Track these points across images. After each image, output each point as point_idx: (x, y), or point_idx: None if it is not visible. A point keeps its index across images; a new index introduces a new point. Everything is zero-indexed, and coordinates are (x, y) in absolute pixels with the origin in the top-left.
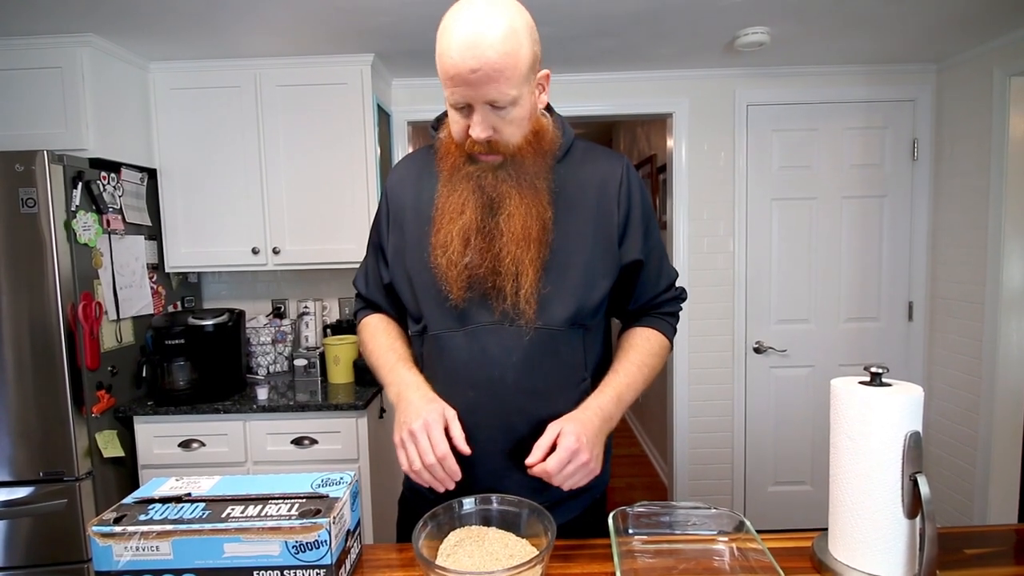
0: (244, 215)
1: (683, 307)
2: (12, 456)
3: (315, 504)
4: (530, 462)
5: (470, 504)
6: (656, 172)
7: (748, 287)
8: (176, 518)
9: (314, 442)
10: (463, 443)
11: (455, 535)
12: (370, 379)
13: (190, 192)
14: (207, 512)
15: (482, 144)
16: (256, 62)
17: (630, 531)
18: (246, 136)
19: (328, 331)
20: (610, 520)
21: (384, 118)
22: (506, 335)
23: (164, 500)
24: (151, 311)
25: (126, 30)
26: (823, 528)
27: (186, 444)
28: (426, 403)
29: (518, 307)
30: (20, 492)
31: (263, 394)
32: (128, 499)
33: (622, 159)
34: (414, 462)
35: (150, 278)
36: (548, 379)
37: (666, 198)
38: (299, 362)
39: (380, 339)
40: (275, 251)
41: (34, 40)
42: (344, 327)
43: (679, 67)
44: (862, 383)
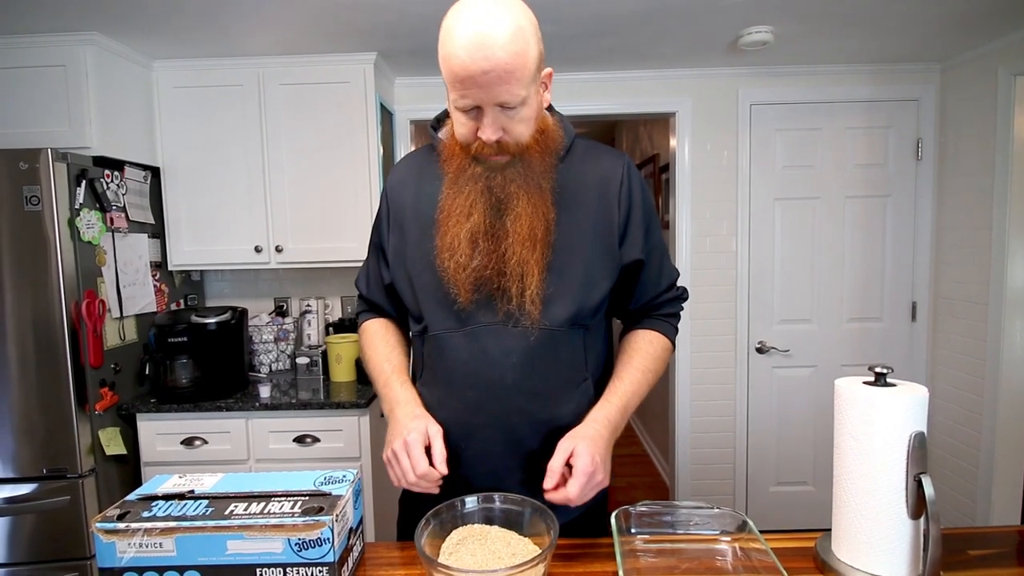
0: (247, 213)
1: (684, 307)
2: (16, 453)
3: (318, 502)
4: (547, 487)
5: (473, 503)
6: (659, 171)
7: (751, 287)
8: (179, 515)
9: (316, 440)
10: (441, 463)
11: (457, 533)
12: None
13: (193, 190)
14: (210, 509)
15: (492, 146)
16: (259, 61)
17: (632, 530)
18: (249, 135)
19: (330, 329)
20: (612, 519)
21: (387, 117)
22: (507, 336)
23: (167, 497)
24: (154, 309)
25: (130, 29)
26: (825, 529)
27: (189, 442)
28: (410, 420)
29: (523, 308)
30: (24, 489)
31: (266, 392)
32: (131, 496)
33: (623, 157)
34: (399, 481)
35: (153, 276)
36: (548, 379)
37: (669, 198)
38: (301, 360)
39: (377, 348)
40: (278, 249)
41: (38, 38)
42: (346, 326)
43: (682, 66)
44: (866, 383)
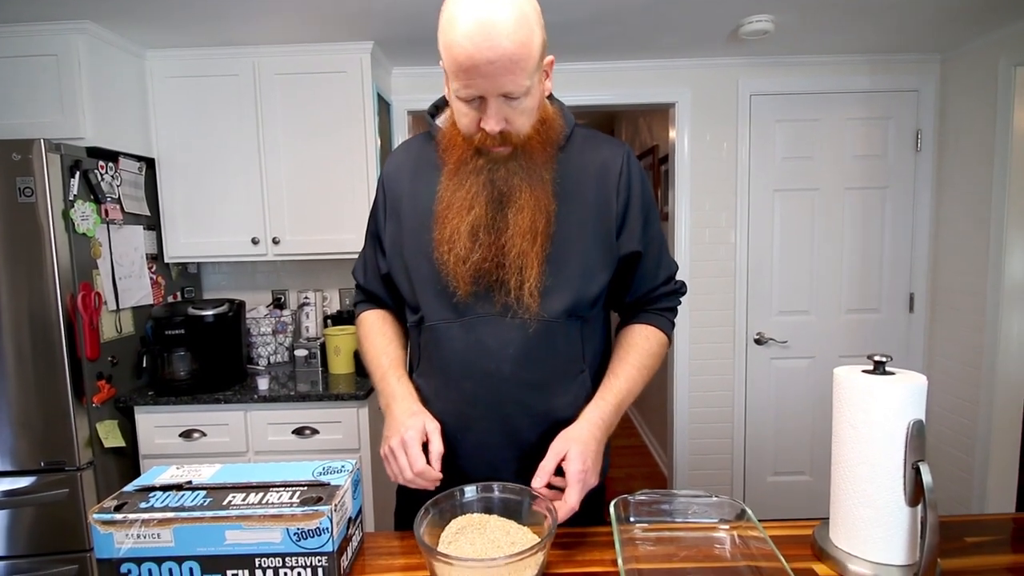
0: (243, 205)
1: (682, 300)
2: (13, 446)
3: (317, 492)
4: (536, 486)
5: (472, 492)
6: (658, 163)
7: (749, 278)
8: (177, 505)
9: (315, 432)
10: (437, 461)
11: (457, 523)
12: None
13: (189, 182)
14: (208, 500)
15: (495, 137)
16: (254, 50)
17: (631, 519)
18: (245, 125)
19: (329, 321)
20: (611, 508)
21: (384, 107)
22: (504, 327)
23: (165, 488)
24: (151, 301)
25: (122, 17)
26: (823, 518)
27: (187, 434)
28: (407, 417)
29: (521, 300)
30: (22, 482)
31: (264, 384)
32: (129, 487)
33: (623, 147)
34: (396, 477)
35: (149, 268)
36: (545, 371)
37: (668, 189)
38: (300, 352)
39: (375, 341)
40: (275, 241)
41: (30, 27)
42: (345, 317)
43: (682, 56)
44: (865, 372)
